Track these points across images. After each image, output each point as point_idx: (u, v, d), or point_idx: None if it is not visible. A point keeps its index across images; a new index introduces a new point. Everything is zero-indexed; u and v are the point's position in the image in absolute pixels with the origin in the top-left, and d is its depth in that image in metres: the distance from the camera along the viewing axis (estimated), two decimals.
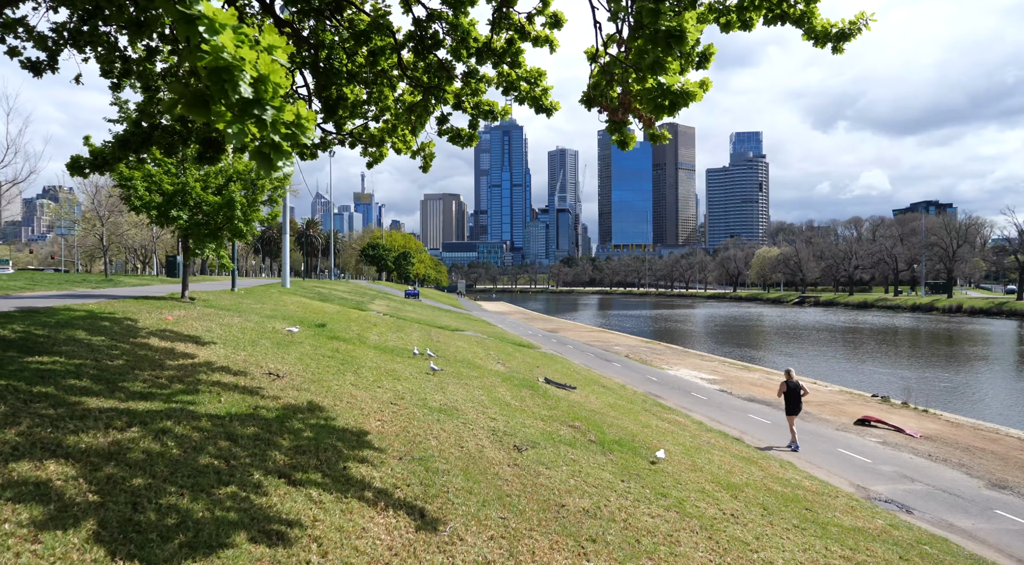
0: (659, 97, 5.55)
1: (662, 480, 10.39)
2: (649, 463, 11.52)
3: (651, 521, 7.92)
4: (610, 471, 10.13)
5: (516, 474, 8.58)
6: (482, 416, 12.16)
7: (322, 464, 6.74)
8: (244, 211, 21.20)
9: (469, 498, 6.99)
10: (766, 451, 17.70)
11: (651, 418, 18.47)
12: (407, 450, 8.35)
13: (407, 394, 12.57)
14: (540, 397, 16.71)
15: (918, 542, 10.68)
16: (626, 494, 8.91)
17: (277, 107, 3.35)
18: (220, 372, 10.40)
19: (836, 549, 8.75)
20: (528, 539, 6.26)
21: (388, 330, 25.57)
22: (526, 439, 10.98)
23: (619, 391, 24.31)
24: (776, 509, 10.30)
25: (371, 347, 18.92)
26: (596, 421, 14.78)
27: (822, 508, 11.45)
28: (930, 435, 21.35)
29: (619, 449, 12.13)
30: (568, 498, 7.99)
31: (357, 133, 13.72)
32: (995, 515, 13.73)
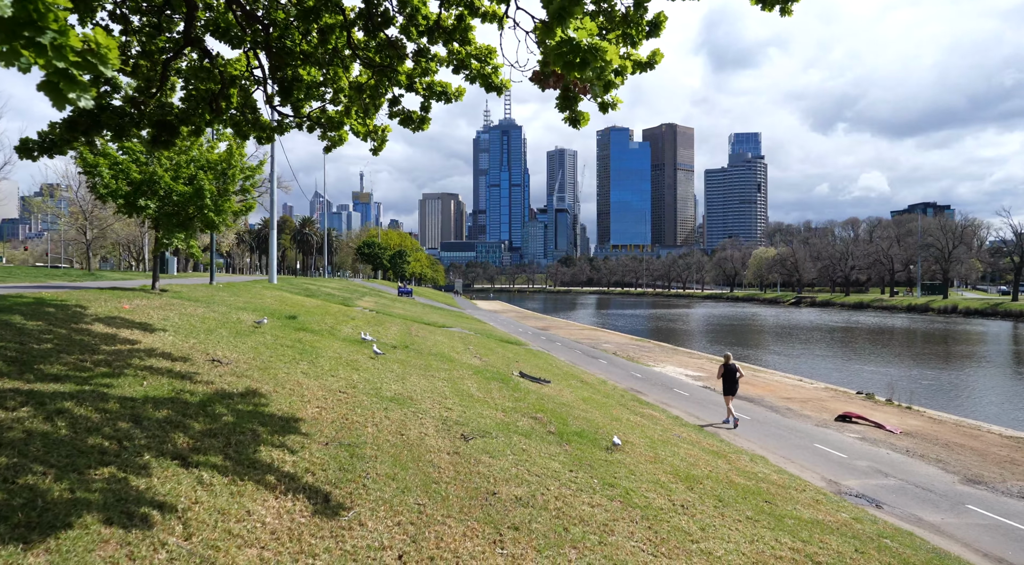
0: (568, 53, 5.22)
1: (615, 471, 10.06)
2: (606, 454, 11.19)
3: (589, 510, 7.59)
4: (560, 461, 9.81)
5: (453, 462, 8.26)
6: (437, 406, 11.83)
7: (229, 447, 6.42)
8: (215, 201, 20.85)
9: (389, 484, 6.67)
10: (737, 444, 17.38)
11: (624, 412, 18.15)
12: (338, 436, 8.02)
13: (362, 383, 12.25)
14: (509, 390, 16.39)
15: (880, 536, 10.37)
16: (570, 483, 8.59)
17: (58, 31, 2.99)
18: (157, 357, 10.07)
19: (787, 541, 8.43)
20: (440, 526, 5.93)
21: (365, 324, 25.24)
22: (478, 429, 10.65)
23: (598, 386, 23.98)
24: (732, 501, 9.98)
25: (340, 339, 18.58)
26: (562, 414, 14.45)
27: (784, 501, 11.13)
28: (911, 431, 21.04)
29: (578, 440, 11.81)
30: (503, 486, 7.67)
31: (314, 116, 13.40)
32: (966, 510, 13.42)
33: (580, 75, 5.15)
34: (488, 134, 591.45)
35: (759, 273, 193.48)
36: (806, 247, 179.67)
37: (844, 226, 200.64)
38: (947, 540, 11.70)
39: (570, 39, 5.11)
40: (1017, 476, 16.20)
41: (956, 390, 35.27)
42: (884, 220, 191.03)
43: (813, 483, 14.40)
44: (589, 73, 5.82)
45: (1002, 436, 21.17)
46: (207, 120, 13.70)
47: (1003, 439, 20.70)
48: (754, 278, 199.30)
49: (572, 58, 5.14)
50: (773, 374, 35.95)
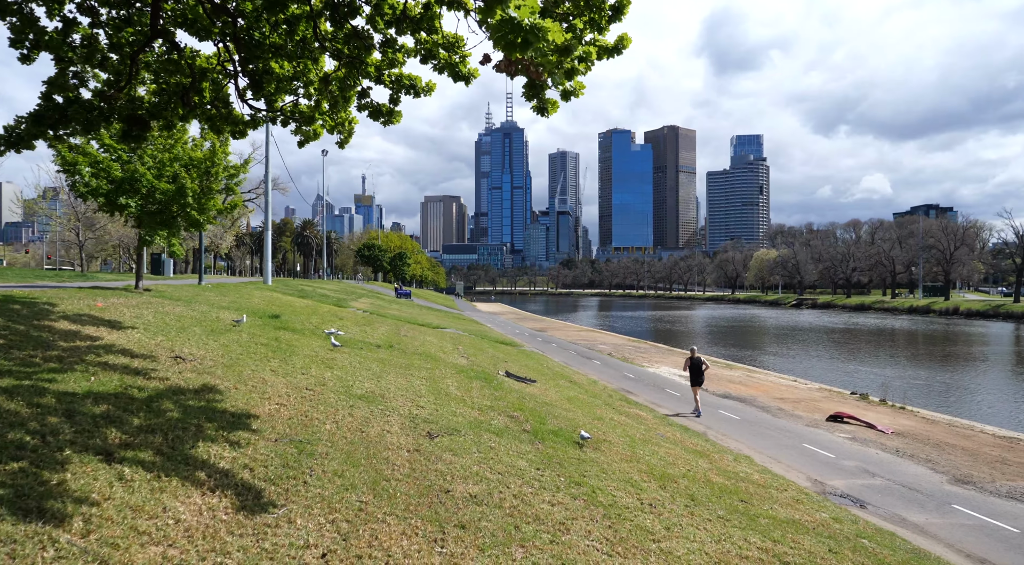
0: (509, 32, 5.00)
1: (586, 469, 9.82)
2: (580, 452, 10.95)
3: (547, 509, 7.35)
4: (529, 459, 9.57)
5: (411, 459, 8.03)
6: (408, 404, 11.60)
7: (164, 443, 6.19)
8: (198, 199, 20.65)
9: (333, 481, 6.44)
10: (724, 444, 17.12)
11: (609, 411, 17.90)
12: (291, 433, 7.80)
13: (333, 381, 12.02)
14: (490, 389, 16.15)
15: (857, 536, 10.11)
16: (533, 482, 8.36)
17: None
18: (115, 354, 9.85)
19: (756, 540, 8.18)
20: (379, 524, 5.70)
21: (353, 324, 25.02)
22: (447, 427, 10.42)
23: (587, 386, 23.73)
24: (705, 500, 9.73)
25: (322, 338, 18.36)
26: (541, 412, 14.21)
27: (761, 500, 10.88)
28: (903, 431, 20.76)
29: (553, 439, 11.57)
30: (460, 484, 7.44)
31: (287, 110, 13.20)
32: (952, 510, 13.15)
33: (522, 55, 4.92)
34: (490, 137, 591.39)
35: (760, 275, 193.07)
36: (807, 249, 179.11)
37: (846, 228, 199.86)
38: (930, 540, 11.44)
39: (511, 19, 4.89)
40: (1007, 476, 15.93)
41: (953, 391, 34.96)
42: (886, 222, 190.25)
43: (797, 483, 14.15)
44: (531, 53, 5.60)
45: (995, 436, 20.88)
46: (179, 114, 13.52)
47: (996, 439, 20.42)
48: (755, 280, 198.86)
49: (513, 38, 4.93)
50: (768, 375, 35.66)
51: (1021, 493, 14.48)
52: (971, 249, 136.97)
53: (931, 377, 40.11)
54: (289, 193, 73.69)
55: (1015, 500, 14.00)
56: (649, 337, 62.73)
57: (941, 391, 34.56)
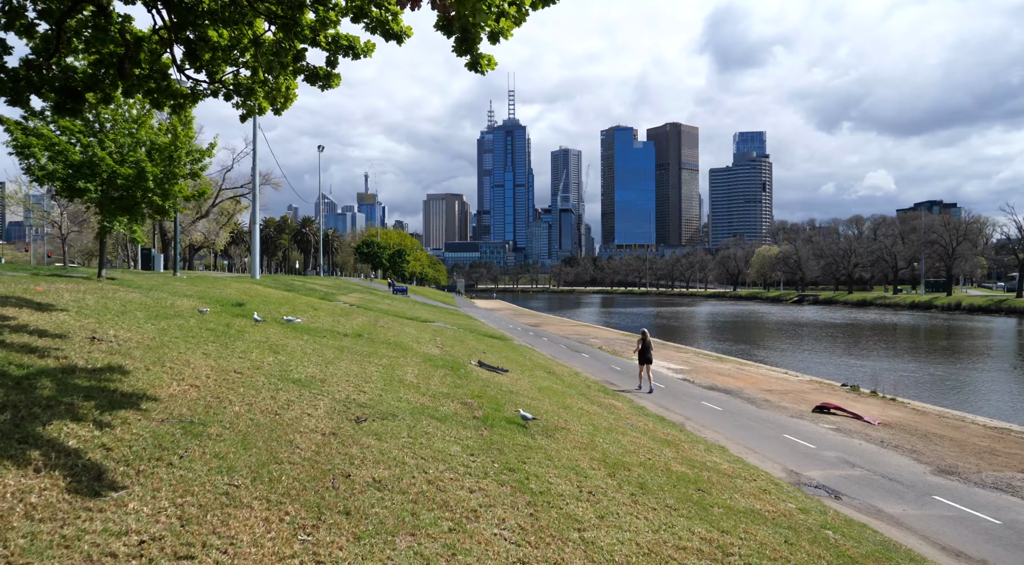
0: None
1: (529, 456, 9.15)
2: (529, 439, 10.27)
3: (462, 495, 6.68)
4: (466, 445, 8.90)
5: (322, 443, 7.36)
6: (350, 389, 10.94)
7: (9, 421, 5.52)
8: (160, 184, 20.00)
9: (207, 464, 5.79)
10: (700, 434, 16.42)
11: (581, 401, 17.22)
12: (188, 414, 7.13)
13: (272, 365, 11.36)
14: (454, 377, 15.49)
15: (823, 527, 9.42)
16: (459, 467, 7.68)
17: None
18: (23, 333, 9.19)
19: (701, 531, 7.49)
20: (239, 509, 5.03)
21: (327, 315, 24.36)
22: (385, 412, 9.76)
23: (567, 377, 23.06)
24: (656, 489, 9.05)
25: (285, 326, 17.70)
26: (501, 400, 13.54)
27: (721, 490, 10.18)
28: (891, 422, 20.05)
29: (504, 426, 10.88)
30: (367, 469, 6.76)
31: (228, 82, 12.53)
32: (932, 501, 12.46)
33: None
34: (492, 135, 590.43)
35: (762, 271, 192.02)
36: (810, 245, 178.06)
37: (848, 224, 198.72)
38: (904, 532, 10.74)
39: None
40: (995, 466, 15.22)
41: (949, 384, 34.21)
42: (888, 218, 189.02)
43: (771, 473, 13.47)
44: None
45: (986, 427, 20.16)
46: (117, 87, 12.83)
47: (987, 430, 19.70)
48: (757, 276, 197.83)
49: None
50: (759, 367, 34.94)
51: (1007, 484, 13.77)
52: (974, 244, 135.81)
53: (927, 371, 39.36)
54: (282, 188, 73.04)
55: (1000, 491, 13.30)
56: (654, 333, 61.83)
57: (936, 384, 33.82)
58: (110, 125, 20.78)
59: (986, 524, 11.29)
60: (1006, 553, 10.05)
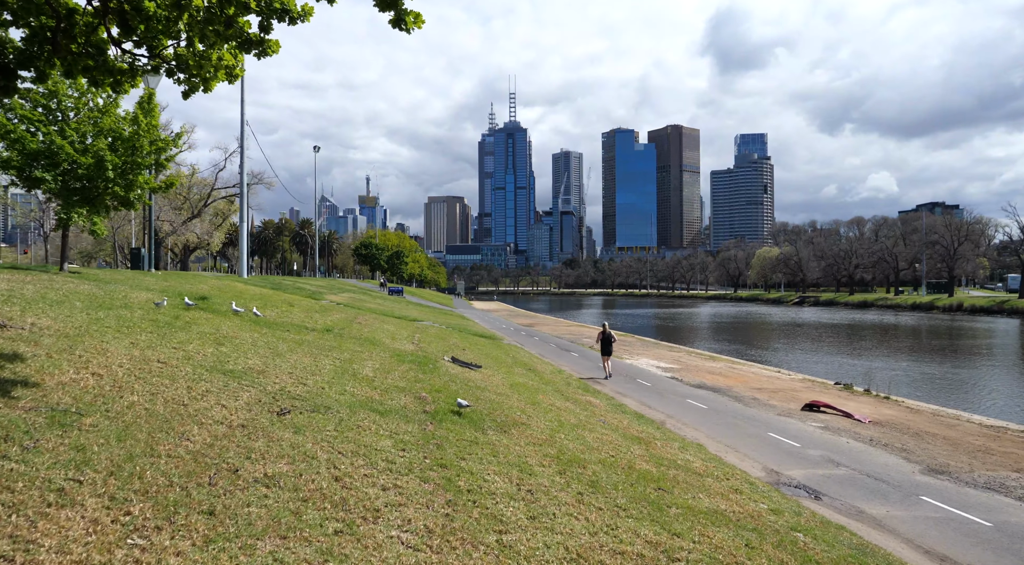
0: None
1: (470, 451, 8.39)
2: (476, 435, 9.50)
3: (371, 492, 5.94)
4: (400, 439, 8.15)
5: (222, 435, 6.61)
6: (288, 381, 10.19)
7: None
8: (123, 174, 19.26)
9: (55, 457, 5.07)
10: (680, 432, 15.63)
11: (555, 398, 16.44)
12: (70, 403, 6.39)
13: (208, 356, 10.60)
14: (419, 372, 14.73)
15: (792, 529, 8.64)
16: (380, 463, 6.94)
17: None
18: None
19: (648, 533, 6.72)
20: (62, 508, 4.28)
21: (301, 311, 23.60)
22: (318, 404, 9.00)
23: (548, 375, 22.29)
24: (609, 488, 8.27)
25: (246, 319, 16.94)
26: (462, 395, 12.76)
27: (686, 489, 9.40)
28: (882, 420, 19.25)
29: (455, 420, 10.13)
30: (260, 464, 6.01)
31: (169, 57, 11.80)
32: (919, 501, 11.66)
33: None
34: (493, 137, 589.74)
35: (763, 273, 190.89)
36: (810, 247, 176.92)
37: (849, 225, 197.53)
38: (886, 535, 9.95)
39: None
40: (988, 466, 14.41)
41: (947, 383, 33.39)
42: (890, 219, 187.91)
43: (749, 472, 12.71)
44: None
45: (982, 426, 19.35)
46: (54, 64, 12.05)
47: (982, 428, 18.88)
48: (758, 278, 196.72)
49: None
50: (751, 366, 34.13)
51: (1000, 484, 12.97)
52: (976, 245, 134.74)
53: (925, 370, 38.54)
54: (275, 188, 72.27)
55: (992, 491, 12.49)
56: (647, 334, 61.03)
57: (934, 383, 33.00)
58: (74, 114, 20.09)
59: (975, 526, 10.49)
60: (995, 557, 9.26)
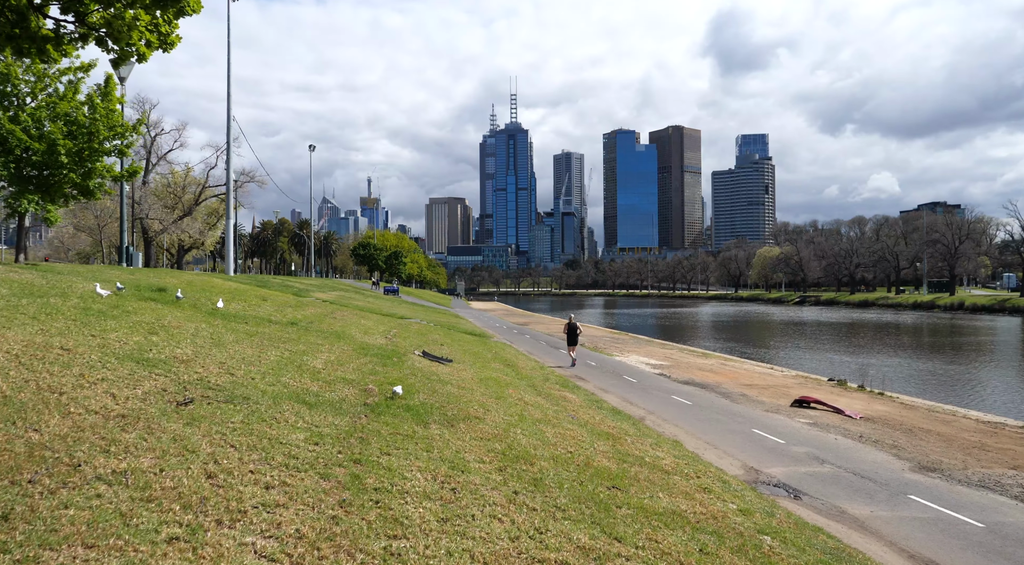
0: None
1: (399, 446, 7.55)
2: (418, 429, 8.64)
3: (245, 491, 5.09)
4: (318, 432, 7.32)
5: (88, 425, 5.80)
6: (212, 371, 9.34)
7: None
8: (79, 161, 18.43)
9: None
10: (659, 429, 14.75)
11: (528, 393, 15.57)
12: None
13: (127, 345, 9.75)
14: (378, 365, 13.91)
15: (760, 532, 7.77)
16: (277, 457, 6.10)
17: None
18: None
19: (583, 537, 5.86)
20: None
21: (274, 305, 22.77)
22: (236, 395, 8.17)
23: (527, 370, 21.44)
24: (553, 486, 7.40)
25: (201, 311, 16.10)
26: (418, 388, 11.92)
27: (645, 489, 8.53)
28: (874, 417, 18.37)
29: (397, 412, 9.28)
30: (113, 459, 5.18)
31: (96, 23, 10.96)
32: (906, 501, 10.78)
33: None
34: (494, 138, 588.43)
35: (763, 273, 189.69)
36: (811, 246, 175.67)
37: (850, 225, 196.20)
38: (867, 537, 9.08)
39: None
40: (983, 463, 13.53)
41: (944, 380, 32.50)
42: (891, 218, 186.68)
43: (726, 470, 11.86)
44: None
45: (978, 422, 18.45)
46: None
47: (979, 424, 17.99)
48: (758, 278, 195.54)
49: None
50: (743, 363, 33.25)
51: (995, 482, 12.08)
52: (977, 244, 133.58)
53: (924, 367, 37.64)
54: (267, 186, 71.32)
55: (986, 489, 11.61)
56: (645, 333, 60.04)
57: (932, 380, 32.11)
58: (31, 100, 19.29)
59: (966, 527, 9.61)
60: (986, 561, 8.39)
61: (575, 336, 27.65)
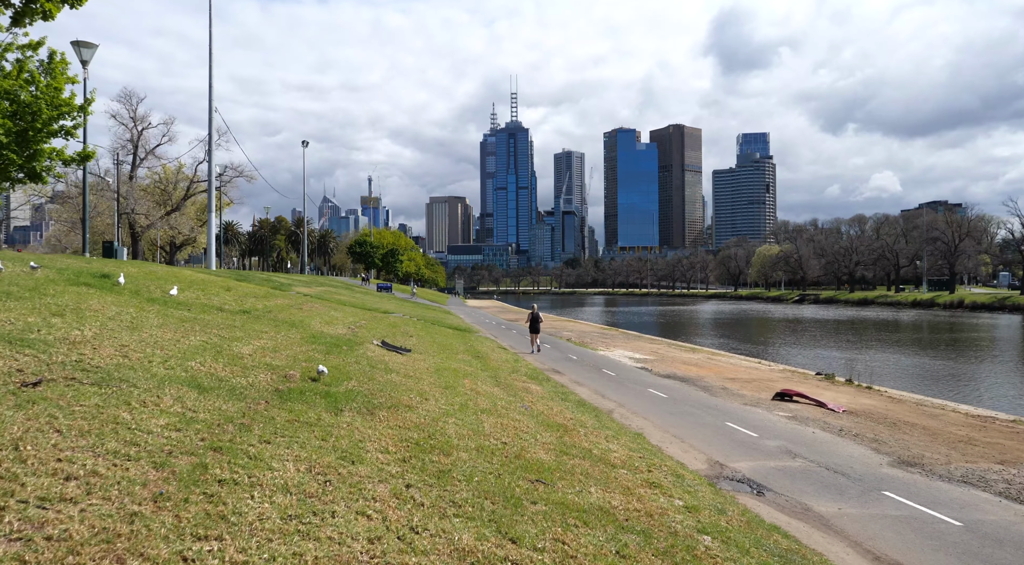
0: None
1: (289, 433, 6.67)
2: (320, 416, 7.74)
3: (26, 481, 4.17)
4: (189, 418, 6.44)
5: None
6: (106, 352, 8.46)
7: None
8: (20, 142, 17.50)
9: None
10: (625, 422, 13.82)
11: (486, 384, 14.68)
12: None
13: (19, 326, 8.85)
14: (323, 353, 13.06)
15: (701, 531, 6.85)
16: (111, 443, 5.22)
17: None
18: None
19: (468, 537, 4.97)
20: None
21: (235, 295, 21.83)
22: (113, 377, 7.29)
23: (498, 363, 20.54)
24: (459, 480, 6.49)
25: (141, 298, 15.19)
26: (356, 375, 11.02)
27: (578, 482, 7.61)
28: (859, 410, 17.44)
29: (308, 401, 8.41)
30: None
31: None
32: (880, 497, 9.84)
33: None
34: (495, 137, 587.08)
35: (763, 271, 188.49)
36: (811, 244, 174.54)
37: (851, 223, 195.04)
38: (830, 536, 8.15)
39: None
40: (968, 458, 12.58)
41: (939, 374, 31.57)
42: (891, 216, 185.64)
43: (689, 465, 10.99)
44: None
45: (968, 416, 17.52)
46: None
47: (968, 419, 17.05)
48: (758, 276, 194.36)
49: None
50: (731, 357, 32.33)
51: (979, 477, 11.14)
52: (977, 242, 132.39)
53: (918, 362, 36.75)
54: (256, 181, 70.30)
55: (969, 485, 10.66)
56: (641, 330, 58.97)
57: (926, 376, 31.21)
58: None
59: (942, 526, 8.67)
60: (958, 564, 7.44)
61: (537, 325, 29.50)
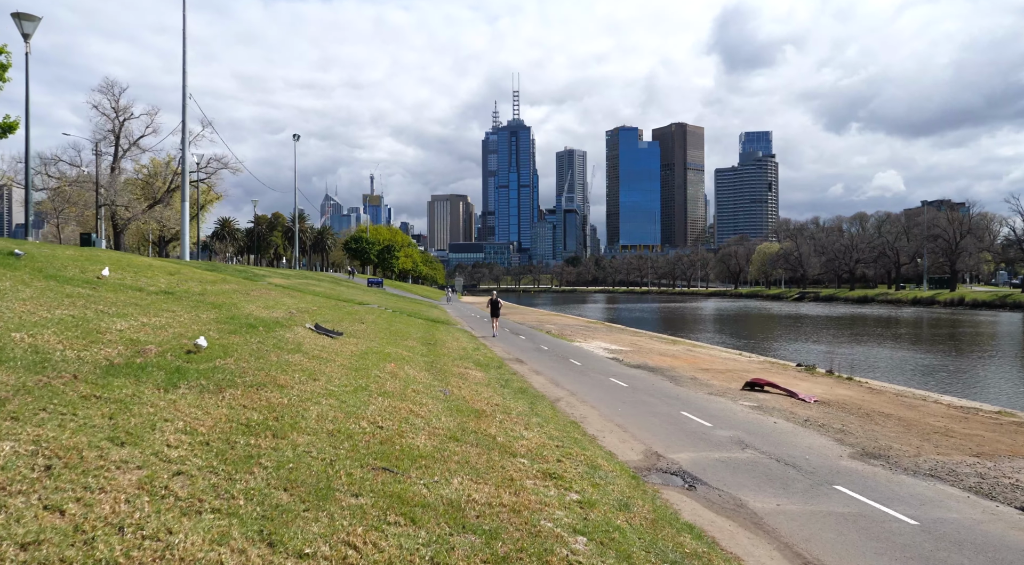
0: None
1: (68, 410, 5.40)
2: (143, 392, 6.46)
3: None
4: None
5: None
6: None
7: None
8: None
9: None
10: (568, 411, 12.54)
11: (416, 369, 13.47)
12: None
13: None
14: (223, 332, 11.79)
15: (578, 532, 5.61)
16: None
17: None
18: None
19: (193, 541, 3.64)
20: None
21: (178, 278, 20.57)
22: None
23: (453, 351, 19.35)
24: (270, 468, 5.23)
25: (35, 273, 13.95)
26: (241, 351, 9.74)
27: (442, 470, 6.35)
28: (832, 400, 16.14)
29: (150, 375, 7.12)
30: None
31: None
32: (830, 492, 8.56)
33: None
34: (496, 135, 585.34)
35: (763, 269, 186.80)
36: (811, 242, 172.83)
37: (852, 221, 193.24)
38: (757, 537, 6.88)
39: None
40: (941, 450, 11.26)
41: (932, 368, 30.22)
42: (893, 214, 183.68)
43: (619, 456, 9.88)
44: None
45: (950, 407, 16.19)
46: None
47: (949, 410, 15.72)
48: (758, 274, 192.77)
49: None
50: (711, 349, 31.03)
51: (949, 470, 9.82)
52: (979, 239, 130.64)
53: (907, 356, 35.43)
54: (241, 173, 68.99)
55: (936, 479, 9.35)
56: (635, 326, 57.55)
57: (918, 369, 29.88)
58: None
59: (893, 525, 7.37)
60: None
61: (497, 310, 31.63)
